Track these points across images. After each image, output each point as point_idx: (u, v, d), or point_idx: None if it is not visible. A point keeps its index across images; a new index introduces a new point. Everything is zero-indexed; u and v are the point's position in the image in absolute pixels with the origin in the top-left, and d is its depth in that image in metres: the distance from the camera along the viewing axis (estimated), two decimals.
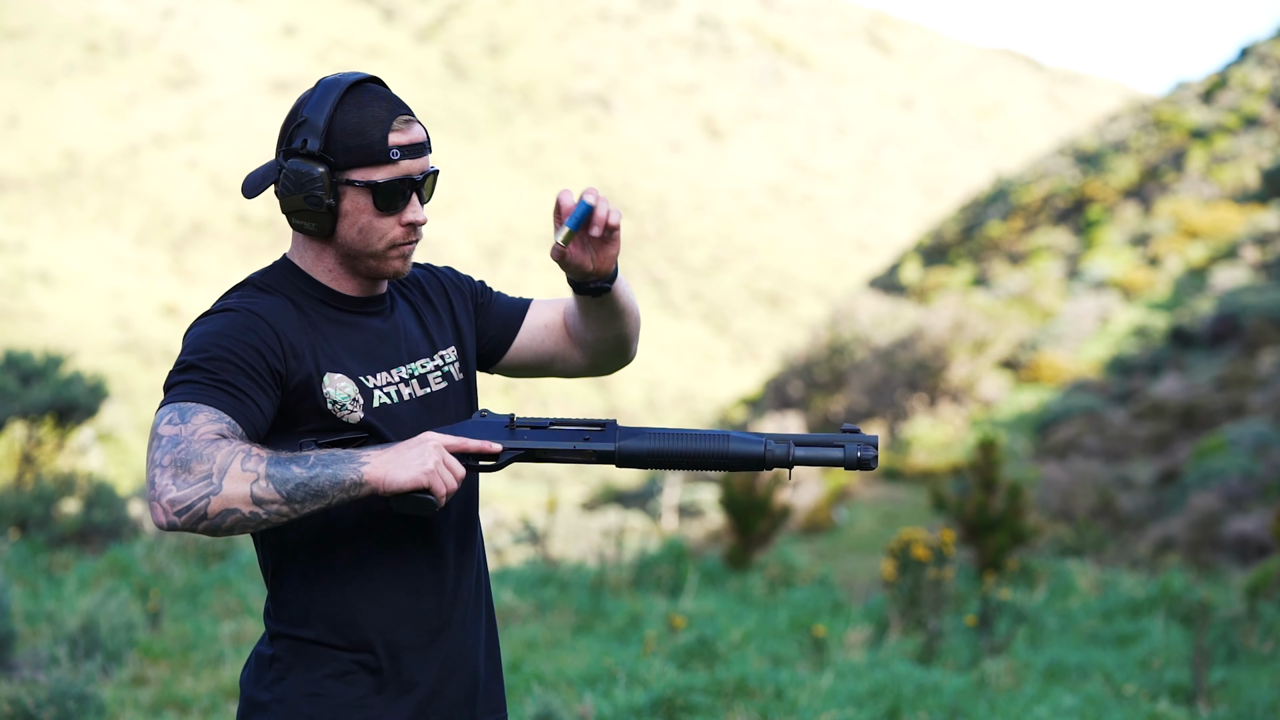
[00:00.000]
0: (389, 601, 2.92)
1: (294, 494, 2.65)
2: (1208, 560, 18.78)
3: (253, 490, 2.62)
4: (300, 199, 2.88)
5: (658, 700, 7.53)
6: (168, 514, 2.60)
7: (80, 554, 12.18)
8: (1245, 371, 29.24)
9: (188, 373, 2.75)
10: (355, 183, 2.89)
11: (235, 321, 2.84)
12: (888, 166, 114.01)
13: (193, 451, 2.62)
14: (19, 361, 13.72)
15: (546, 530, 15.79)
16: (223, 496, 2.61)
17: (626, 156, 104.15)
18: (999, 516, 13.71)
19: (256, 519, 2.64)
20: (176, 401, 2.71)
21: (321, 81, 2.93)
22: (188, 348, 2.80)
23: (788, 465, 2.89)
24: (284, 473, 2.64)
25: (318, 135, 2.87)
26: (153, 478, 2.63)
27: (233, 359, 2.78)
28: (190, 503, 2.60)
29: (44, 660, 7.71)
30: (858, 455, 2.86)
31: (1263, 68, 52.52)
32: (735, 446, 2.89)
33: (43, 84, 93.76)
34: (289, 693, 2.89)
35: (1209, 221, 41.58)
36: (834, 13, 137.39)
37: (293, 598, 2.91)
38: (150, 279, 72.41)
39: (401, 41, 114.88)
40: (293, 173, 2.87)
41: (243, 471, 2.62)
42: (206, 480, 2.60)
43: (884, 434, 34.37)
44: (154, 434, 2.68)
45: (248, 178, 2.98)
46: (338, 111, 2.88)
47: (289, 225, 2.95)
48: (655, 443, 2.91)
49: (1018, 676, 9.10)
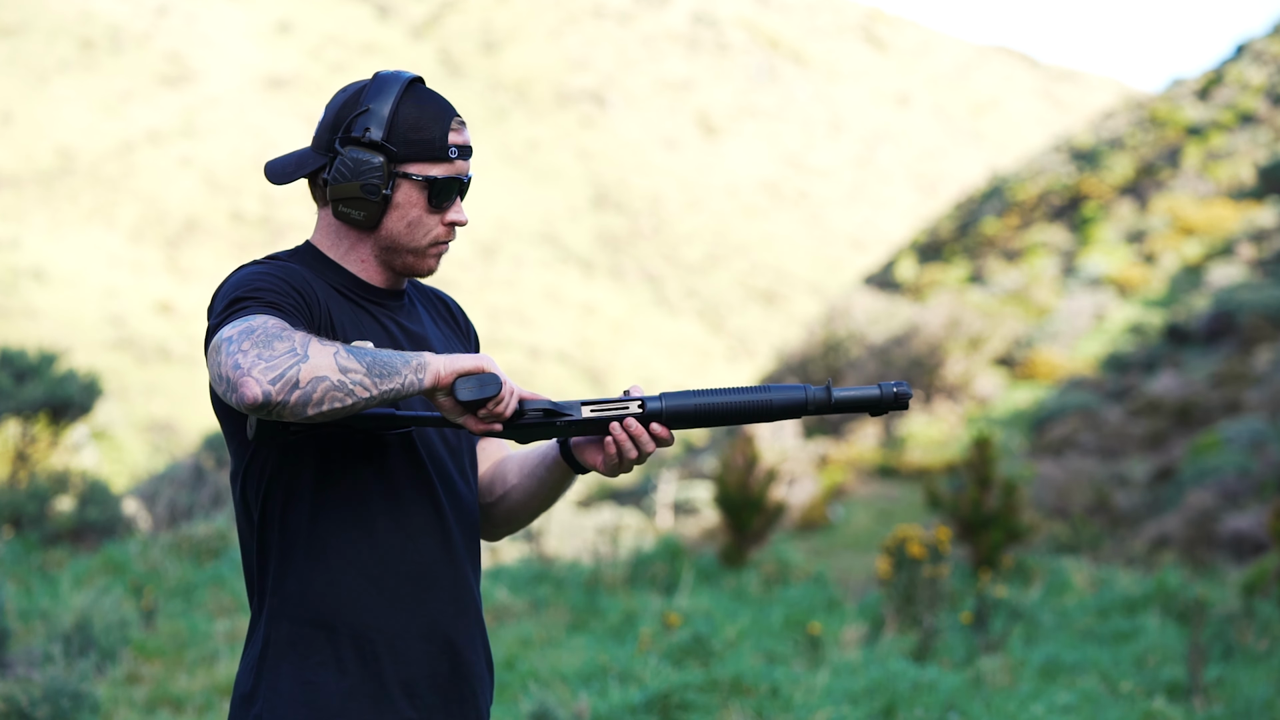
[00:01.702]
0: (389, 591, 2.91)
1: (372, 366, 2.66)
2: (1203, 557, 18.78)
3: (336, 360, 2.64)
4: (356, 186, 2.90)
5: (653, 698, 7.52)
6: (260, 383, 2.58)
7: (74, 552, 12.18)
8: (1241, 369, 29.25)
9: (236, 304, 2.73)
10: (413, 176, 2.92)
11: (273, 269, 2.85)
12: (883, 163, 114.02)
13: (269, 333, 2.63)
14: (13, 359, 13.70)
15: (541, 528, 15.78)
16: (311, 364, 2.61)
17: (621, 153, 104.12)
18: (994, 514, 13.72)
19: (344, 388, 2.63)
20: (232, 320, 2.68)
21: (377, 75, 2.95)
22: (227, 291, 2.78)
23: (828, 409, 2.96)
24: (358, 350, 2.67)
25: (381, 125, 2.89)
26: (235, 362, 2.60)
27: (279, 297, 2.78)
28: (282, 370, 2.59)
29: (38, 658, 7.70)
30: (894, 392, 2.95)
31: (1259, 65, 52.53)
32: (778, 396, 2.95)
33: (37, 81, 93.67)
34: (280, 681, 2.87)
35: (1205, 218, 41.59)
36: (829, 10, 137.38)
37: (287, 585, 2.89)
38: (144, 276, 72.34)
39: (396, 38, 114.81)
40: (351, 160, 2.89)
41: (322, 345, 2.64)
42: (291, 352, 2.61)
43: (879, 431, 34.38)
44: (219, 342, 2.64)
45: (274, 163, 2.98)
46: (400, 104, 2.91)
47: (333, 214, 2.95)
48: (701, 399, 2.95)
49: (1013, 674, 9.09)
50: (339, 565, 2.88)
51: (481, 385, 2.76)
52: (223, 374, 2.62)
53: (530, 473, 3.12)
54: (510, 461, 3.19)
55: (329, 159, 2.93)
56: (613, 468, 2.97)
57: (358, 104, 2.92)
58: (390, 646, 2.89)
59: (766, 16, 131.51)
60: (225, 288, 2.82)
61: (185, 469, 15.40)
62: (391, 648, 2.89)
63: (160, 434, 50.41)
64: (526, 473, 3.13)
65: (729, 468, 14.50)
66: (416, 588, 2.93)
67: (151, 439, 48.05)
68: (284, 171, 2.96)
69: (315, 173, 2.97)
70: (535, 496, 3.13)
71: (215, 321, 2.76)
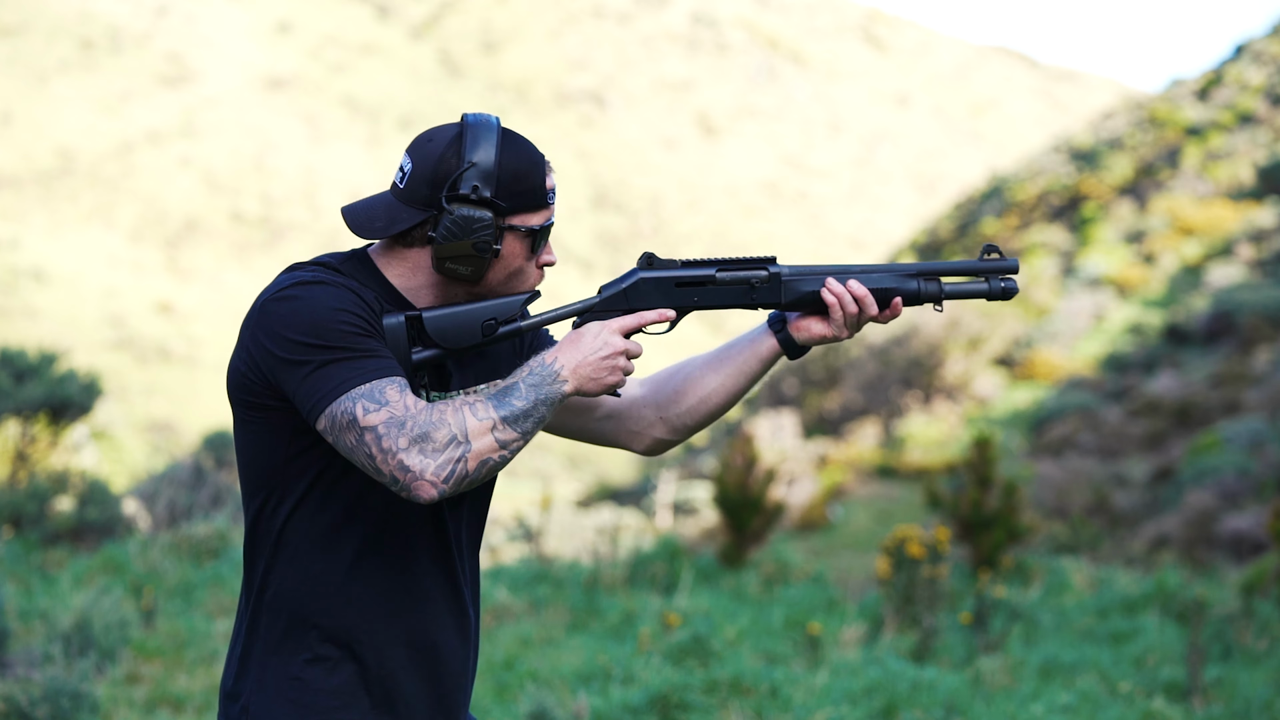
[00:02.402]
0: (381, 597, 2.90)
1: (525, 427, 2.77)
2: (1203, 558, 18.79)
3: (495, 437, 2.73)
4: (468, 245, 2.86)
5: (652, 698, 7.52)
6: (436, 485, 2.68)
7: (74, 552, 12.17)
8: (1240, 369, 29.24)
9: (325, 353, 2.74)
10: (518, 228, 2.91)
11: (334, 294, 2.81)
12: (882, 164, 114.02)
13: (422, 423, 2.69)
14: (13, 359, 13.69)
15: (541, 528, 15.79)
16: (475, 451, 2.71)
17: (621, 154, 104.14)
18: (994, 514, 13.72)
19: (504, 460, 2.75)
20: (350, 388, 2.71)
21: (467, 123, 2.90)
22: (299, 326, 2.76)
23: (939, 300, 3.08)
24: (511, 411, 2.76)
25: (489, 181, 2.86)
26: (400, 462, 2.67)
27: (357, 329, 2.78)
28: (452, 467, 2.69)
29: (38, 658, 7.70)
30: (1001, 287, 3.08)
31: (1258, 65, 52.53)
32: (892, 283, 3.06)
33: (37, 81, 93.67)
34: (267, 675, 2.87)
35: (1204, 219, 41.57)
36: (828, 10, 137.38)
37: (282, 581, 2.89)
38: (144, 276, 72.34)
39: (396, 38, 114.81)
40: (462, 218, 2.85)
41: (479, 423, 2.72)
42: (454, 443, 2.69)
43: (879, 431, 34.38)
44: (356, 426, 2.69)
45: (356, 213, 2.92)
46: (501, 156, 2.88)
47: (435, 268, 2.90)
48: (819, 284, 3.05)
49: (1013, 674, 9.09)
50: (334, 566, 2.88)
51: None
52: (384, 471, 2.69)
53: (734, 369, 3.15)
54: (693, 367, 3.19)
55: (430, 214, 2.87)
56: (839, 328, 3.07)
57: (459, 158, 2.86)
58: (379, 651, 2.89)
59: (766, 17, 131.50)
60: (290, 319, 2.77)
61: (185, 469, 15.39)
62: (380, 653, 2.89)
63: (160, 434, 50.42)
64: (727, 371, 3.16)
65: (728, 468, 14.50)
66: (411, 596, 2.92)
67: (151, 439, 48.05)
68: (371, 226, 2.90)
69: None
70: (740, 391, 3.18)
71: (307, 377, 2.73)
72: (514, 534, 20.45)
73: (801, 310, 3.07)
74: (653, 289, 3.02)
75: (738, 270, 3.04)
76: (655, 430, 3.21)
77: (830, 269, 3.06)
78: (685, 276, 3.02)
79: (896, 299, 3.05)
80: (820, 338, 3.07)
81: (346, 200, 67.00)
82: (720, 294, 3.03)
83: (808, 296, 3.04)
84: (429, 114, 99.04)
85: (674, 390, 3.18)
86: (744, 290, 3.04)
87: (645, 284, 3.02)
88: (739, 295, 3.04)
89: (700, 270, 3.03)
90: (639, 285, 3.02)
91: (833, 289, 3.02)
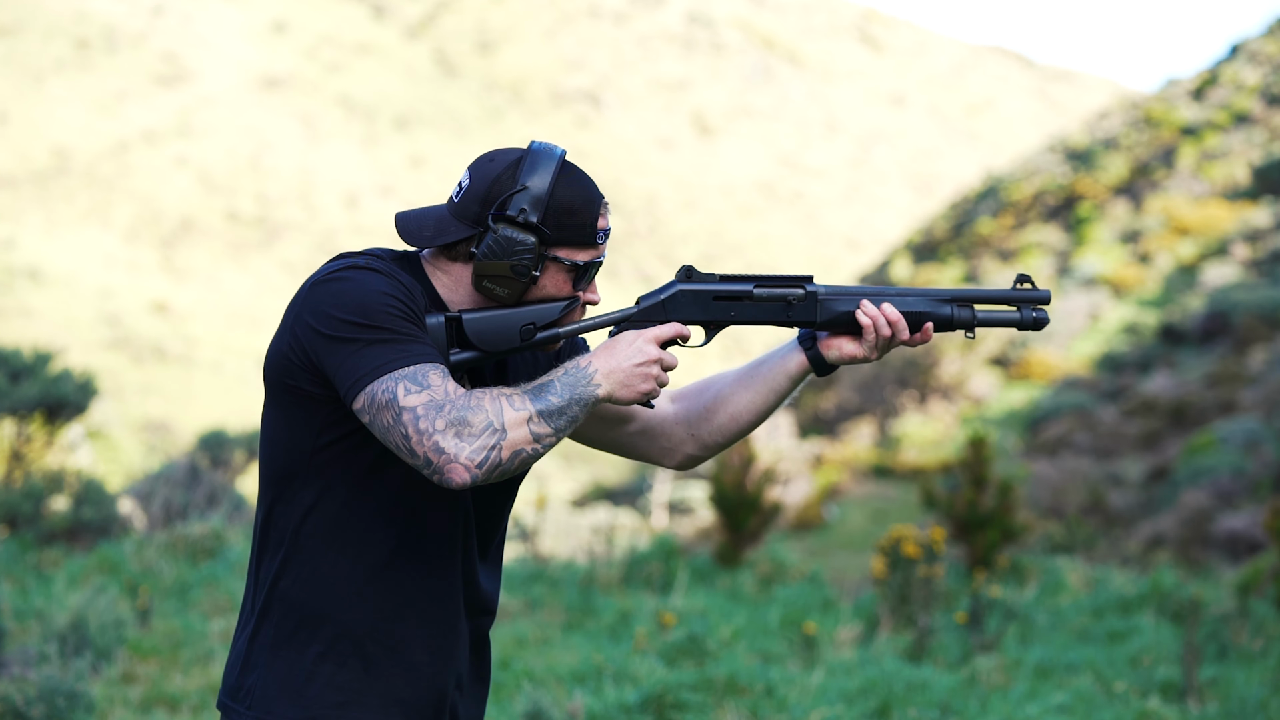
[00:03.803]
0: (407, 595, 2.91)
1: (559, 424, 2.79)
2: (1198, 557, 18.80)
3: (531, 429, 2.76)
4: (506, 265, 2.89)
5: (648, 698, 7.52)
6: (470, 469, 2.70)
7: (69, 551, 12.16)
8: (1235, 368, 29.27)
9: (371, 333, 2.76)
10: (562, 260, 2.93)
11: (384, 281, 2.84)
12: (878, 163, 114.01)
13: (460, 407, 2.72)
14: (8, 358, 13.68)
15: (536, 527, 15.79)
16: (510, 440, 2.73)
17: (617, 153, 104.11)
18: (989, 514, 13.72)
19: (536, 453, 2.77)
20: (393, 369, 2.74)
21: (532, 148, 2.93)
22: (347, 305, 2.79)
23: (971, 328, 3.09)
24: (547, 406, 2.78)
25: (538, 206, 2.88)
26: (436, 444, 2.70)
27: (403, 315, 2.81)
28: (486, 453, 2.71)
29: (33, 658, 7.70)
30: (1033, 318, 3.10)
31: (1253, 65, 52.55)
32: (926, 308, 3.08)
33: (32, 80, 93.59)
34: (278, 667, 2.89)
35: (1199, 218, 41.59)
36: (824, 10, 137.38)
37: (300, 573, 2.89)
38: (140, 276, 72.27)
39: (391, 38, 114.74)
40: (505, 239, 2.87)
41: (516, 413, 2.75)
42: (490, 430, 2.72)
43: (874, 431, 34.40)
44: (395, 405, 2.72)
45: (409, 221, 2.96)
46: (556, 186, 2.90)
47: (474, 286, 2.93)
48: (855, 305, 3.07)
49: (1008, 674, 9.10)
50: (353, 564, 2.88)
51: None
52: (418, 452, 2.71)
53: (765, 387, 3.18)
54: (723, 384, 3.22)
55: (476, 231, 2.90)
56: (869, 349, 3.08)
57: (514, 180, 2.89)
58: (391, 651, 2.90)
59: (761, 16, 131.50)
60: (339, 298, 2.80)
61: (180, 468, 15.38)
62: (392, 653, 2.90)
63: (155, 433, 50.36)
64: (757, 388, 3.18)
65: (725, 467, 14.50)
66: (428, 598, 2.93)
67: (147, 438, 48.00)
68: (420, 234, 2.94)
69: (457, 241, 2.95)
70: (769, 409, 3.20)
71: (352, 356, 2.76)
72: (510, 533, 20.45)
73: (834, 330, 3.09)
74: (690, 302, 3.04)
75: (775, 287, 3.06)
76: (686, 447, 3.24)
77: (865, 290, 3.08)
78: (723, 291, 3.04)
79: (928, 324, 3.07)
80: (851, 357, 3.09)
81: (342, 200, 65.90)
82: (757, 310, 3.07)
83: (842, 316, 3.06)
84: (425, 114, 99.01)
85: (704, 408, 3.21)
86: (780, 307, 3.07)
87: (683, 296, 3.04)
88: (775, 312, 3.07)
89: (738, 285, 3.05)
90: (677, 297, 3.05)
91: (868, 312, 3.04)
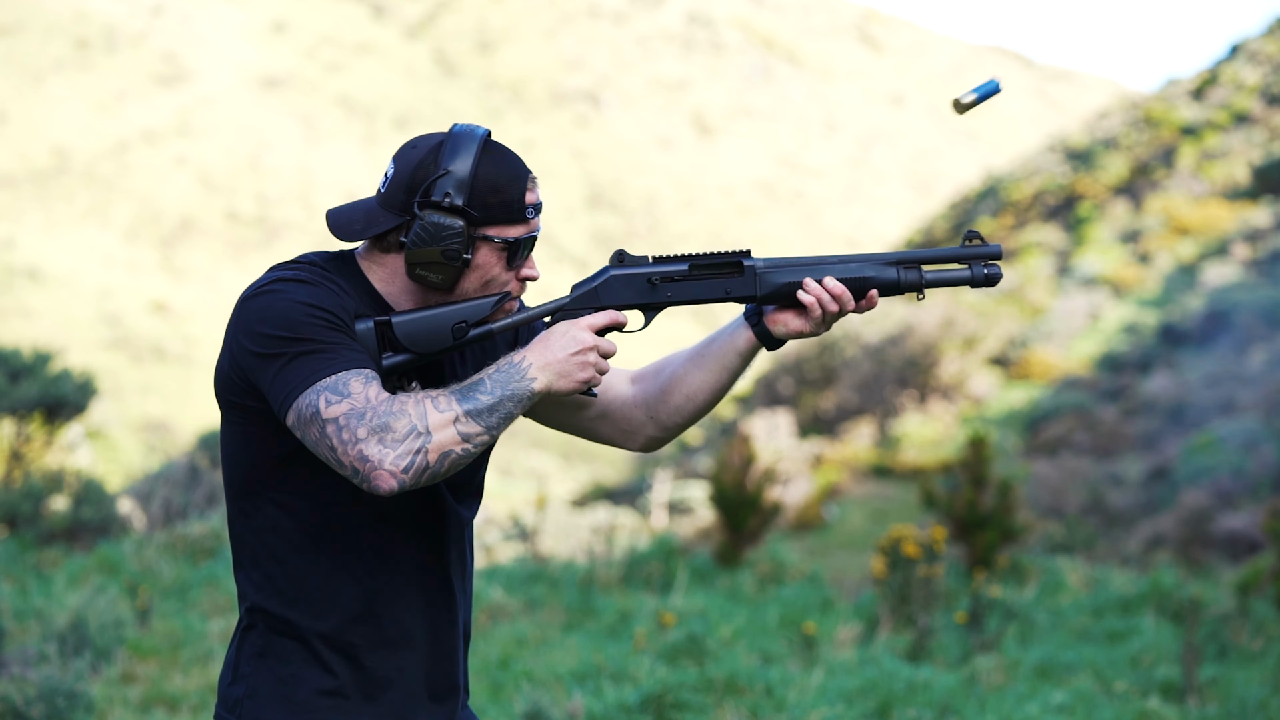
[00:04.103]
0: (377, 595, 2.91)
1: (490, 421, 2.75)
2: (1198, 557, 18.80)
3: (458, 429, 2.71)
4: (437, 252, 2.87)
5: (648, 697, 7.52)
6: (395, 475, 2.67)
7: (69, 551, 12.16)
8: (1235, 368, 29.26)
9: (296, 345, 2.75)
10: (493, 239, 2.91)
11: (311, 291, 2.83)
12: (878, 163, 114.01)
13: (383, 414, 2.68)
14: (7, 358, 13.68)
15: (536, 527, 15.79)
16: (436, 443, 2.69)
17: (616, 153, 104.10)
18: (989, 513, 13.72)
19: (468, 454, 2.73)
20: (315, 382, 2.71)
21: (453, 131, 2.92)
22: (273, 320, 2.78)
23: (919, 289, 3.03)
24: (475, 405, 2.74)
25: (461, 189, 2.86)
26: (360, 452, 2.67)
27: (329, 324, 2.79)
28: (411, 458, 2.67)
29: (33, 657, 7.69)
30: (985, 274, 3.03)
31: (1253, 64, 52.55)
32: (870, 273, 3.00)
33: (32, 80, 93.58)
34: (261, 679, 2.89)
35: (1199, 218, 41.59)
36: (824, 10, 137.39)
37: (274, 583, 2.90)
38: (139, 276, 72.26)
39: (391, 38, 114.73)
40: (432, 225, 2.86)
41: (441, 415, 2.71)
42: (414, 434, 2.68)
43: (874, 431, 34.38)
44: (319, 419, 2.69)
45: (339, 217, 2.95)
46: (479, 166, 2.88)
47: (407, 274, 2.92)
48: (795, 276, 3.01)
49: (1008, 674, 9.10)
50: (319, 569, 2.89)
51: (582, 393, 2.91)
52: (345, 462, 2.69)
53: (716, 365, 3.13)
54: (677, 364, 3.18)
55: (404, 220, 2.90)
56: (815, 325, 3.04)
57: (437, 165, 2.88)
58: (370, 651, 2.91)
59: (761, 16, 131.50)
60: (265, 313, 2.79)
61: (180, 468, 15.38)
62: (371, 652, 2.91)
63: (155, 433, 50.37)
64: (709, 366, 3.13)
65: (724, 467, 14.50)
66: (398, 596, 2.94)
67: (146, 438, 48.02)
68: (350, 228, 2.92)
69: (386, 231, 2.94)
70: (724, 385, 3.15)
71: (279, 372, 2.74)
72: (509, 533, 20.44)
73: (778, 303, 3.05)
74: (624, 286, 3.01)
75: (711, 265, 3.01)
76: (647, 429, 3.20)
77: (805, 260, 3.04)
78: (657, 273, 3.00)
79: (872, 291, 3.03)
80: (798, 332, 3.04)
81: (342, 200, 66.61)
82: (694, 289, 3.01)
83: (783, 289, 3.01)
84: (424, 113, 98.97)
85: (660, 389, 3.17)
86: (719, 284, 3.01)
87: (616, 281, 3.01)
88: (714, 290, 3.02)
89: (672, 266, 3.01)
90: (610, 283, 3.01)
91: (811, 290, 3.00)
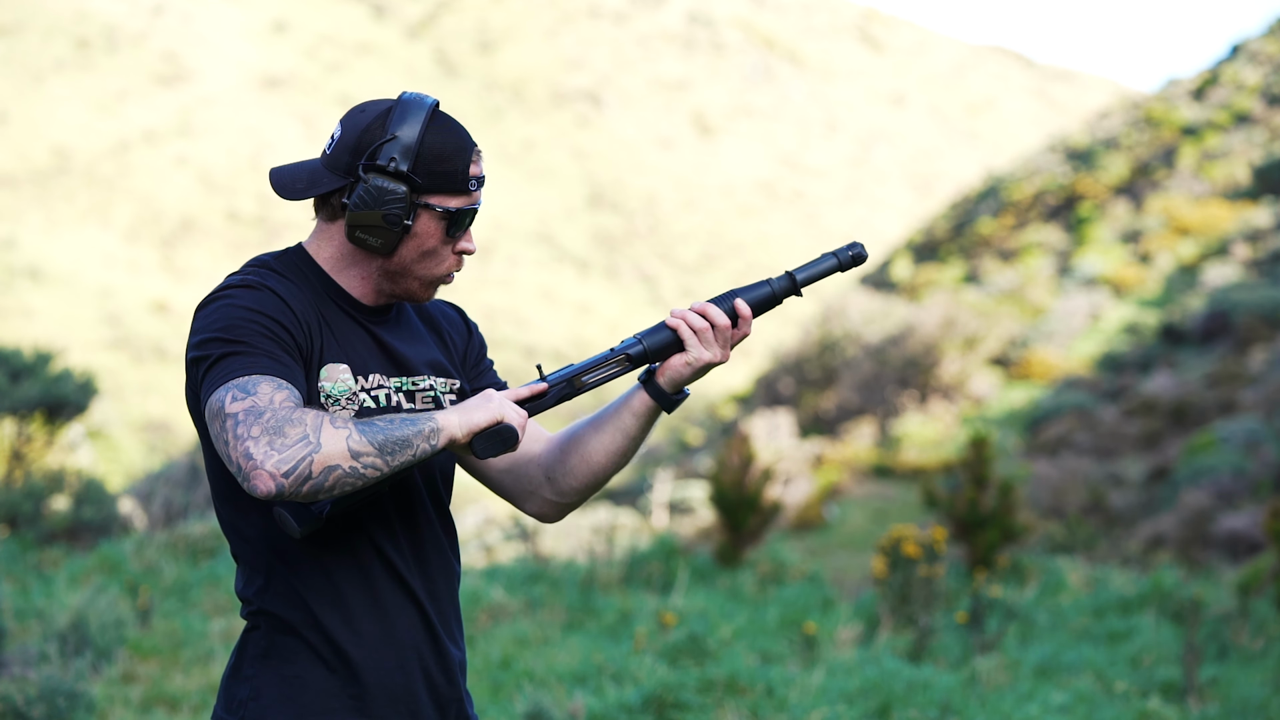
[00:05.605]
0: (367, 597, 2.93)
1: (384, 445, 2.69)
2: (1199, 557, 18.80)
3: (349, 444, 2.66)
4: (378, 215, 2.88)
5: (648, 697, 7.52)
6: (275, 478, 2.61)
7: (70, 551, 12.16)
8: (1236, 368, 29.27)
9: (226, 346, 2.74)
10: (434, 208, 2.91)
11: (257, 297, 2.83)
12: (878, 163, 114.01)
13: (280, 417, 2.64)
14: (8, 358, 13.68)
15: (536, 527, 15.77)
16: (324, 454, 2.63)
17: (617, 153, 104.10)
18: (990, 513, 13.72)
19: (356, 474, 2.67)
20: (230, 379, 2.70)
21: (402, 98, 2.94)
22: (214, 324, 2.78)
23: (797, 292, 3.10)
24: (372, 431, 2.69)
25: (407, 155, 2.88)
26: (247, 450, 2.62)
27: (266, 332, 2.78)
28: (295, 463, 2.62)
29: (34, 657, 7.70)
30: (850, 255, 3.12)
31: (1254, 65, 52.56)
32: (747, 296, 3.09)
33: (33, 80, 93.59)
34: (263, 682, 2.90)
35: (1200, 218, 41.60)
36: (825, 9, 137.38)
37: (270, 588, 2.92)
38: (140, 276, 72.28)
39: (392, 38, 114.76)
40: (375, 188, 2.87)
41: (334, 429, 2.66)
42: (304, 441, 2.63)
43: (875, 431, 34.38)
44: (222, 413, 2.67)
45: (282, 175, 2.96)
46: (426, 134, 2.90)
47: (346, 236, 2.94)
48: (666, 329, 3.08)
49: (1009, 674, 9.10)
50: (312, 572, 2.90)
51: (501, 440, 2.85)
52: (232, 458, 2.65)
53: (612, 427, 3.12)
54: (579, 427, 3.17)
55: (348, 182, 2.91)
56: (698, 353, 3.05)
57: (384, 130, 2.90)
58: (369, 652, 2.92)
59: (762, 16, 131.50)
60: (209, 316, 2.81)
61: (181, 468, 15.39)
62: (370, 654, 2.92)
63: (156, 433, 50.38)
64: (606, 429, 3.13)
65: (725, 467, 14.50)
66: (388, 597, 2.95)
67: (147, 438, 48.04)
68: (293, 187, 2.94)
69: (328, 192, 2.96)
70: (621, 450, 3.13)
71: (201, 358, 2.76)
72: (510, 533, 20.45)
73: (665, 356, 3.08)
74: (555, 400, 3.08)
75: (601, 370, 3.07)
76: (543, 491, 3.17)
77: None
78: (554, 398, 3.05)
79: (737, 300, 3.07)
80: (681, 369, 3.05)
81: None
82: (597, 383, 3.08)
83: (665, 339, 3.07)
84: None
85: (560, 450, 3.16)
86: (616, 372, 3.09)
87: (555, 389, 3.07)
88: (615, 374, 3.09)
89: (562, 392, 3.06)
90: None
91: (675, 314, 3.05)
